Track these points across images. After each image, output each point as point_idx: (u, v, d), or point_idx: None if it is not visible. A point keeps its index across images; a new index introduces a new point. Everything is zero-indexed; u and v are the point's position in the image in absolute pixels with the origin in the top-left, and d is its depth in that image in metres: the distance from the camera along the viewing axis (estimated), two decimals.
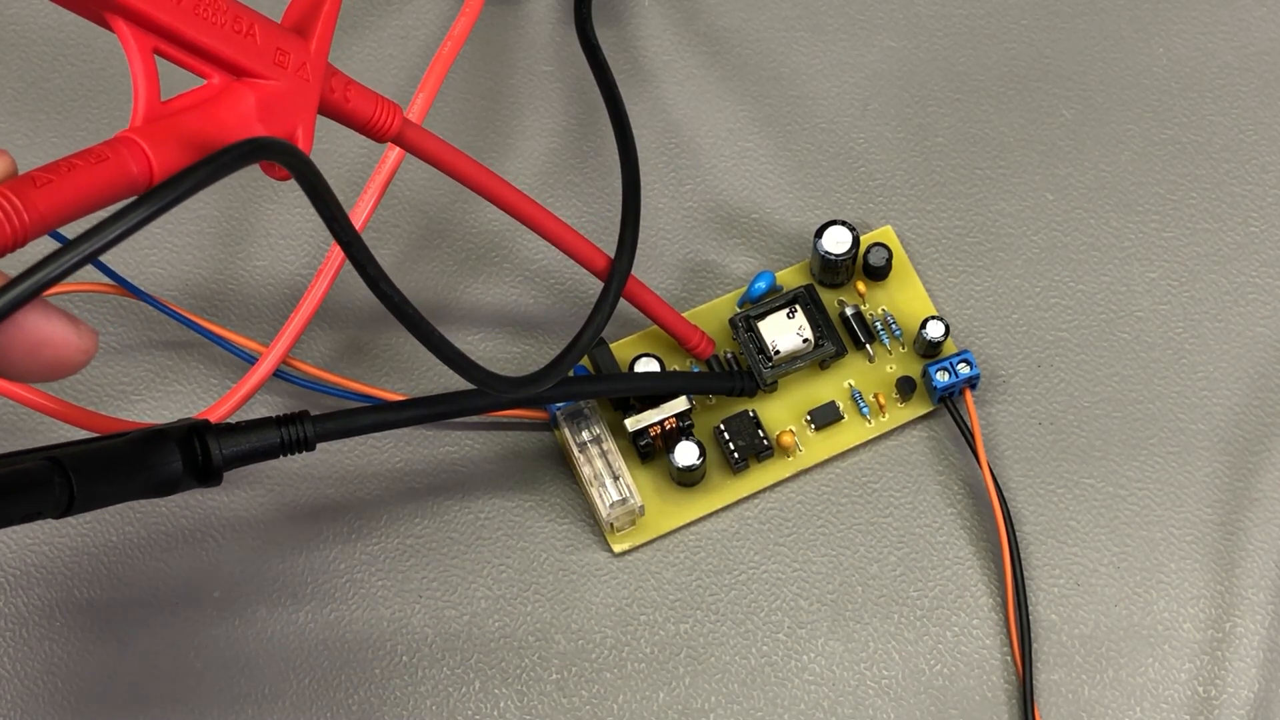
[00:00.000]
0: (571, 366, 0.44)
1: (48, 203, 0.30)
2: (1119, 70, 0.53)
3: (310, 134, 0.37)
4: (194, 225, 0.52)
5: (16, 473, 0.34)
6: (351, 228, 0.35)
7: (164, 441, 0.38)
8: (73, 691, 0.46)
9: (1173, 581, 0.47)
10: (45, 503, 0.34)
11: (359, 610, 0.47)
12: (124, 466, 0.37)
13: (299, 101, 0.36)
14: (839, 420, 0.49)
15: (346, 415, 0.42)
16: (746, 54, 0.54)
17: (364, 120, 0.39)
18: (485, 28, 0.54)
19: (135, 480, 0.37)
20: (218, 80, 0.35)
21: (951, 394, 0.48)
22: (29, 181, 0.30)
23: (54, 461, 0.35)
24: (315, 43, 0.37)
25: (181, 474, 0.38)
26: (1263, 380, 0.50)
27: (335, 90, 0.38)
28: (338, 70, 0.38)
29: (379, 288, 0.36)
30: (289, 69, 0.36)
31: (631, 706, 0.46)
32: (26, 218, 0.30)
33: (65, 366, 0.30)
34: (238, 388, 0.46)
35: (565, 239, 0.45)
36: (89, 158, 0.31)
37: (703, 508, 0.48)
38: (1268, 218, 0.51)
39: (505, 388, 0.40)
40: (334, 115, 0.39)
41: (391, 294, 0.36)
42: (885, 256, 0.49)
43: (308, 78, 0.37)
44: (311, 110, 0.37)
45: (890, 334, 0.49)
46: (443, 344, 0.38)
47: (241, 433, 0.40)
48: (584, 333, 0.44)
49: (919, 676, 0.46)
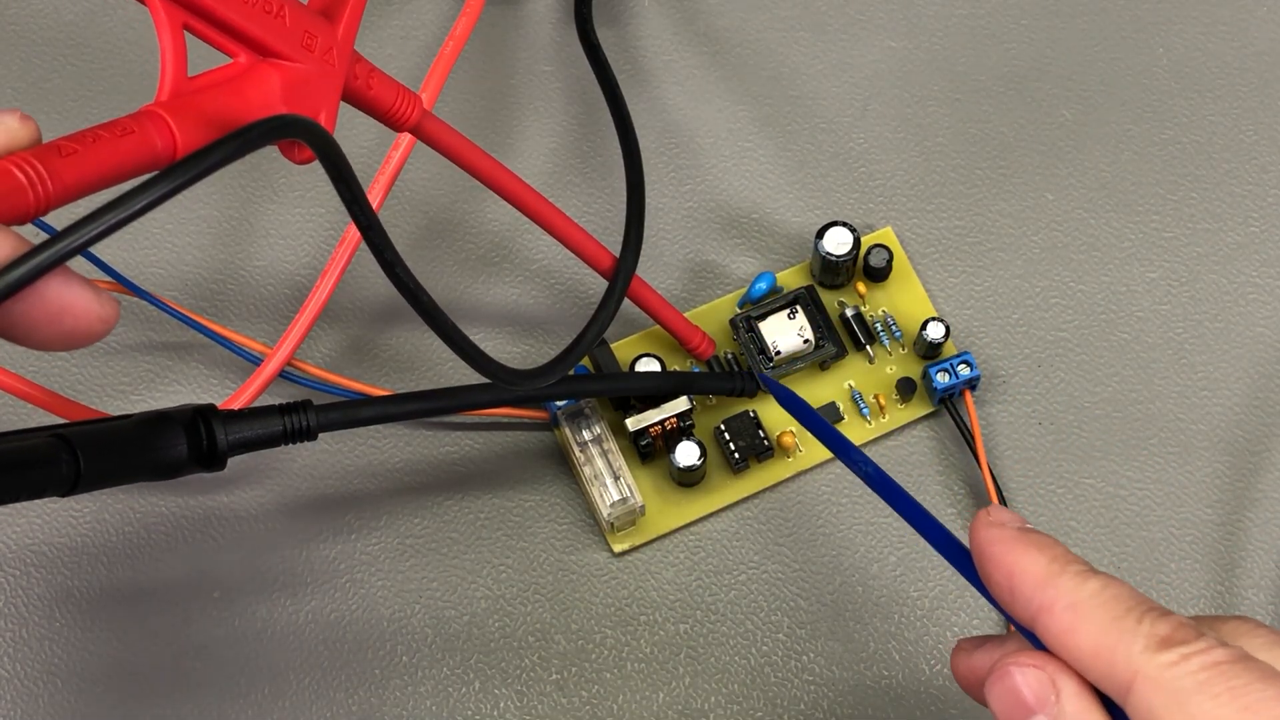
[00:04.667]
0: (577, 362, 0.44)
1: (72, 173, 0.30)
2: (1119, 70, 0.53)
3: (333, 119, 0.37)
4: (195, 225, 0.52)
5: (24, 448, 0.34)
6: (372, 212, 0.35)
7: (170, 424, 0.38)
8: (72, 692, 0.46)
9: (1173, 581, 0.47)
10: (52, 479, 0.34)
11: (359, 610, 0.47)
12: (130, 447, 0.37)
13: (324, 85, 0.36)
14: (839, 421, 0.49)
15: (350, 406, 0.42)
16: (746, 54, 0.54)
17: (385, 108, 0.39)
18: (486, 28, 0.54)
19: (141, 461, 0.37)
20: (244, 59, 0.35)
21: (951, 395, 0.48)
22: (54, 150, 0.30)
23: (61, 439, 0.35)
24: (343, 28, 0.37)
25: (186, 457, 0.38)
26: (1263, 380, 0.50)
27: (359, 77, 0.38)
28: (362, 57, 0.38)
29: (395, 273, 0.36)
30: (316, 52, 0.36)
31: (631, 706, 0.46)
32: (51, 187, 0.29)
33: (86, 335, 0.30)
34: (245, 386, 0.46)
35: (573, 237, 0.45)
36: (114, 129, 0.31)
37: (703, 508, 0.48)
38: (1268, 218, 0.52)
39: (513, 379, 0.40)
40: (356, 102, 0.39)
41: (408, 280, 0.36)
42: (886, 258, 0.49)
43: (333, 62, 0.37)
44: (335, 95, 0.37)
45: (890, 335, 0.49)
46: (455, 333, 0.37)
47: (245, 419, 0.40)
48: (590, 328, 0.44)
49: (919, 676, 0.46)
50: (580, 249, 0.45)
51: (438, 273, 0.51)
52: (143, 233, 0.51)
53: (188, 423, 0.38)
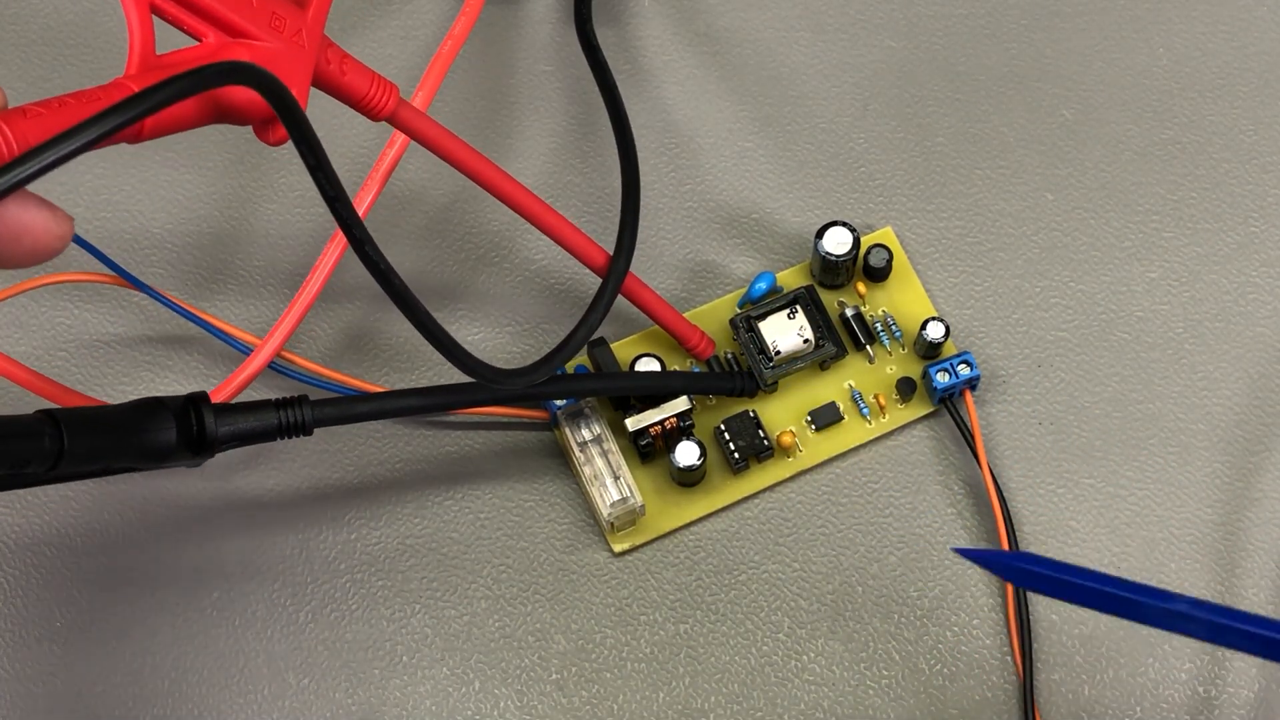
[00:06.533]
0: (565, 362, 0.44)
1: (36, 134, 0.31)
2: (1119, 70, 0.53)
3: (304, 98, 0.37)
4: (194, 226, 0.52)
5: (8, 419, 0.34)
6: (338, 182, 0.35)
7: (161, 408, 0.38)
8: (72, 692, 0.46)
9: (1173, 581, 0.47)
10: (34, 452, 0.34)
11: (359, 610, 0.47)
12: (118, 429, 0.37)
13: (293, 65, 0.37)
14: (839, 421, 0.49)
15: (345, 401, 0.42)
16: (746, 54, 0.54)
17: (359, 96, 0.39)
18: (485, 27, 0.54)
19: (128, 443, 0.37)
20: (213, 39, 0.36)
21: (952, 395, 0.48)
22: (20, 113, 0.32)
23: (48, 414, 0.35)
24: (312, 11, 0.38)
25: (175, 442, 0.38)
26: (1263, 380, 0.50)
27: (331, 62, 0.39)
28: (334, 44, 0.39)
29: (364, 251, 0.36)
30: (285, 33, 0.37)
31: (631, 706, 0.46)
32: (15, 146, 0.31)
33: (44, 253, 0.32)
34: (233, 377, 0.46)
35: (562, 232, 0.45)
36: (82, 98, 0.32)
37: (703, 508, 0.48)
38: (1268, 218, 0.51)
39: (495, 378, 0.40)
40: (330, 89, 0.39)
41: (378, 260, 0.36)
42: (885, 258, 0.49)
43: (303, 44, 0.37)
44: (305, 76, 0.38)
45: (890, 335, 0.49)
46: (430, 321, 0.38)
47: (240, 412, 0.40)
48: (578, 330, 0.44)
49: (919, 676, 0.46)
50: (571, 245, 0.45)
51: (439, 271, 0.51)
52: (142, 229, 0.51)
53: (179, 408, 0.38)
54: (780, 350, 0.48)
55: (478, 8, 0.47)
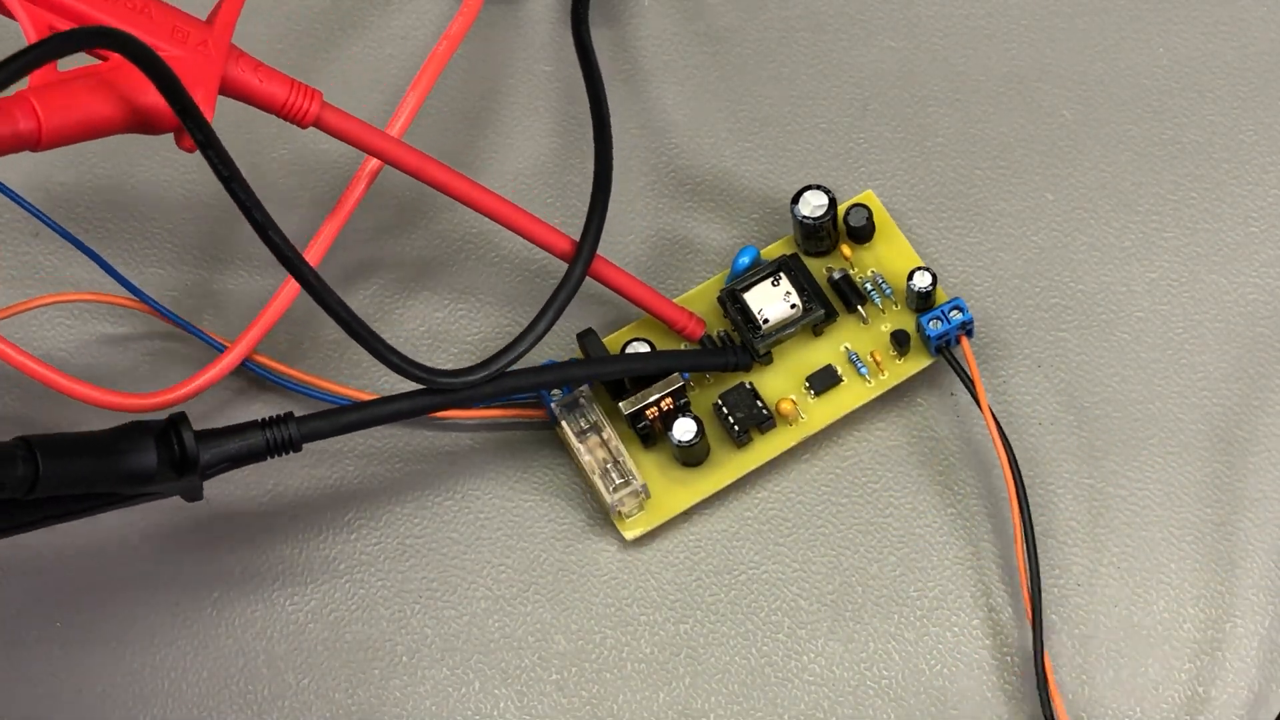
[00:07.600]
0: (515, 362, 0.44)
1: None
2: (1119, 70, 0.53)
3: (211, 105, 0.38)
4: (194, 239, 0.52)
5: None
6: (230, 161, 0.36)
7: (139, 431, 0.38)
8: (70, 693, 0.46)
9: (1173, 581, 0.47)
10: (7, 476, 0.34)
11: (359, 610, 0.47)
12: (95, 452, 0.37)
13: (198, 73, 0.38)
14: (838, 383, 0.48)
15: (331, 414, 0.42)
16: (746, 54, 0.54)
17: (279, 104, 0.40)
18: (484, 28, 0.54)
19: (107, 467, 0.37)
20: (116, 59, 0.37)
21: (947, 342, 0.48)
22: None
23: (23, 440, 0.35)
24: (218, 22, 0.39)
25: (156, 465, 0.38)
26: (1263, 381, 0.50)
27: (245, 70, 0.39)
28: (246, 54, 0.39)
29: (267, 236, 0.36)
30: (188, 44, 0.38)
31: (631, 706, 0.46)
32: None
33: None
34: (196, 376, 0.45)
35: (521, 223, 0.45)
36: None
37: (710, 485, 0.48)
38: (1268, 218, 0.51)
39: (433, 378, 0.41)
40: (248, 98, 0.40)
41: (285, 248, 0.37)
42: (865, 216, 0.49)
43: (209, 53, 0.38)
44: (212, 84, 0.38)
45: (881, 293, 0.49)
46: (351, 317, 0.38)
47: (226, 435, 0.40)
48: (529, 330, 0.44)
49: (919, 676, 0.46)
50: (533, 236, 0.45)
51: (439, 269, 0.51)
52: (144, 242, 0.51)
53: (159, 431, 0.38)
54: (769, 319, 0.48)
55: (476, 7, 0.47)
